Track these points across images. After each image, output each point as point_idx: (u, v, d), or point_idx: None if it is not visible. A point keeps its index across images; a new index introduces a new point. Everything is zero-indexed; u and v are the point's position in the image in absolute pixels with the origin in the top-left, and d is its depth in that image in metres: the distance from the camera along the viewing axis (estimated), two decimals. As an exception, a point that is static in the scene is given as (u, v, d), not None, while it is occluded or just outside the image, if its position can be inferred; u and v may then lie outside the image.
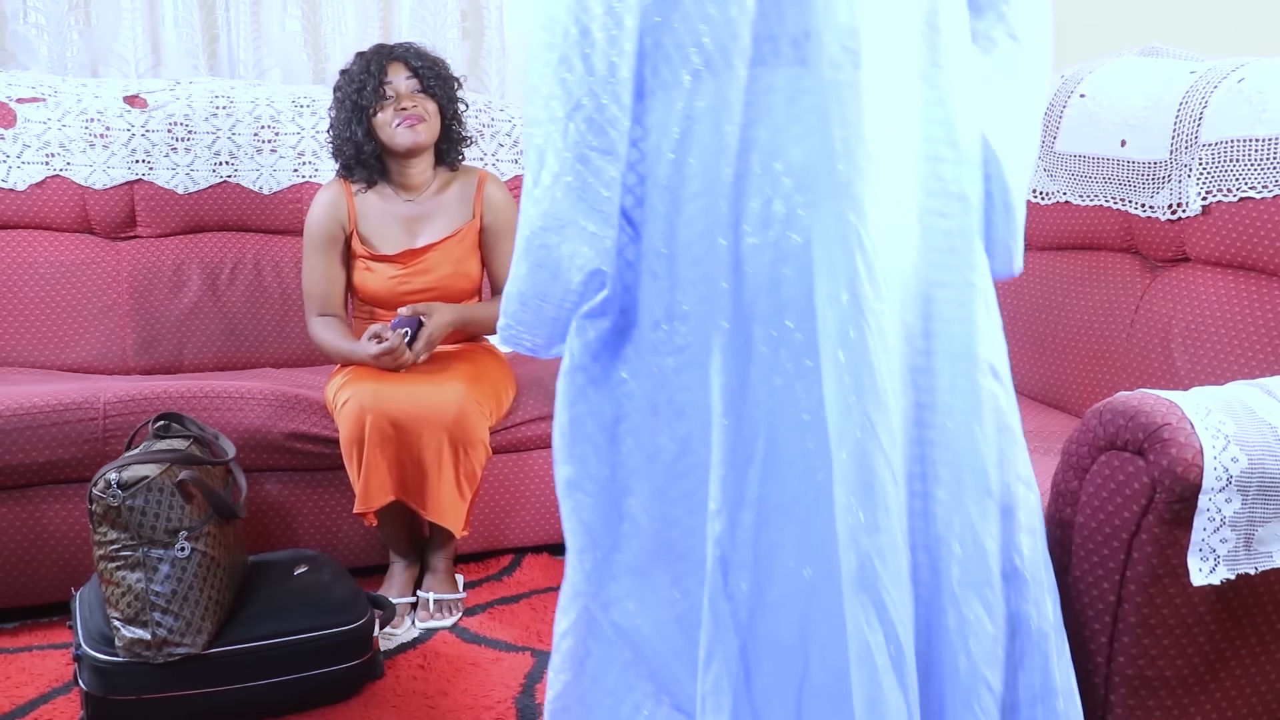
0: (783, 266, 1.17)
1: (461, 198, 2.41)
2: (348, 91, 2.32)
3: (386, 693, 1.97)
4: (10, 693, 1.95)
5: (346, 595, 2.02)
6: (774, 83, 1.16)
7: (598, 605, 1.32)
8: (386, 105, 2.30)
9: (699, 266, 1.19)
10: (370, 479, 2.15)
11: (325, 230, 2.35)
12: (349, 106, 2.32)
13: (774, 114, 1.16)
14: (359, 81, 2.31)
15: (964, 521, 1.21)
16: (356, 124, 2.31)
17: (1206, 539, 1.26)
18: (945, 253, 1.23)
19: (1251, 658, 1.36)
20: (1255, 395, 1.33)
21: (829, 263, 1.15)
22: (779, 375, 1.18)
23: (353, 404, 2.14)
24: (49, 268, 2.70)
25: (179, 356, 2.76)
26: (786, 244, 1.16)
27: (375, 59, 2.33)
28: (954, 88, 1.23)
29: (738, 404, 1.19)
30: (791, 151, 1.16)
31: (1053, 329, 2.28)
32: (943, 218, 1.23)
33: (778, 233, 1.16)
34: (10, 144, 2.66)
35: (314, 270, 2.37)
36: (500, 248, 2.42)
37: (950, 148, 1.22)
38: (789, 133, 1.16)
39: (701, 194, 1.18)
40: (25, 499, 2.17)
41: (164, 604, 1.81)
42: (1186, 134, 2.01)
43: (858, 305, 1.14)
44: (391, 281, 2.35)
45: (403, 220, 2.38)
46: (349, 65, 2.37)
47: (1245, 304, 1.89)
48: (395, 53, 2.35)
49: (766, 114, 1.16)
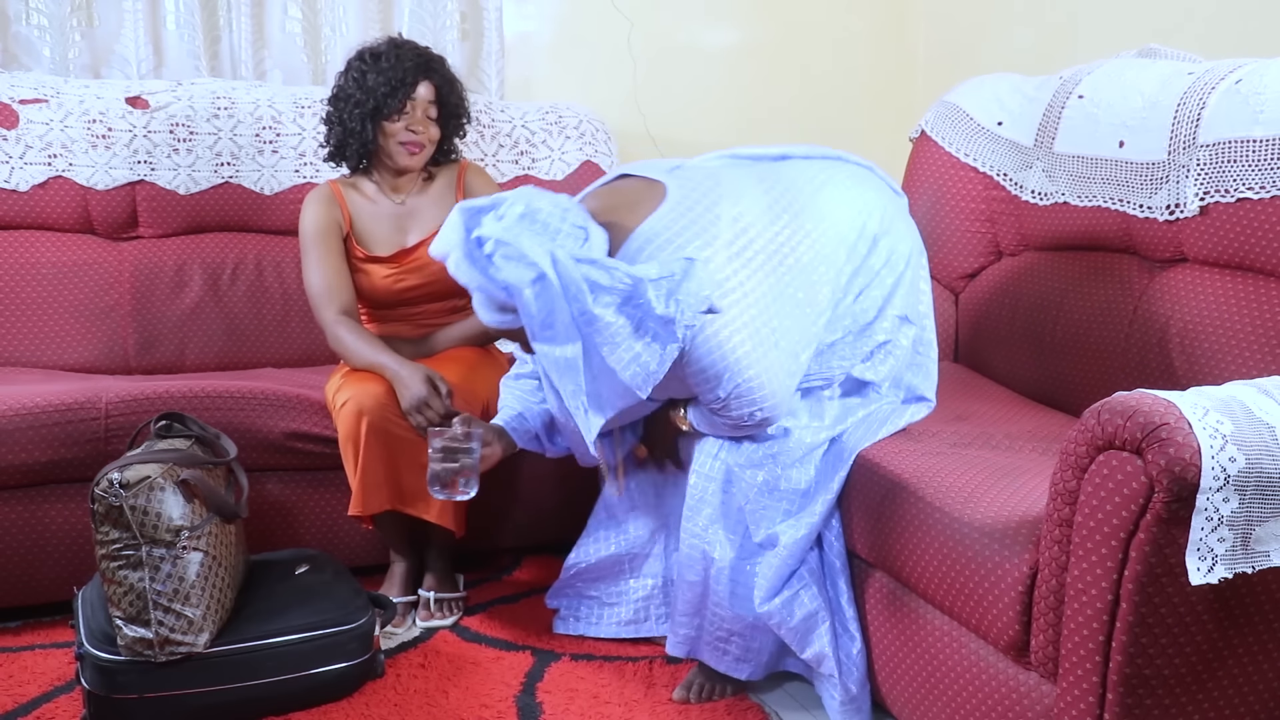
0: None
1: (445, 190, 2.44)
2: (373, 86, 2.30)
3: (387, 692, 1.98)
4: (13, 691, 1.95)
5: (347, 594, 2.02)
6: None
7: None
8: (402, 118, 2.32)
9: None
10: (366, 483, 2.15)
11: (325, 228, 2.34)
12: (369, 104, 2.30)
13: None
14: (391, 85, 2.29)
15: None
16: (370, 122, 2.31)
17: (1204, 538, 1.26)
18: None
19: (1249, 656, 1.36)
20: (1253, 395, 1.34)
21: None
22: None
23: (351, 405, 2.14)
24: (51, 268, 2.70)
25: (180, 356, 2.77)
26: None
27: (413, 71, 2.31)
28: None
29: None
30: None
31: (1051, 329, 2.28)
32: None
33: None
34: (13, 145, 2.67)
35: (321, 267, 2.33)
36: None
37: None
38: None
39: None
40: (28, 498, 2.17)
41: (166, 603, 1.81)
42: (1184, 135, 2.02)
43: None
44: (387, 280, 2.36)
45: (392, 219, 2.39)
46: (380, 50, 2.34)
47: (1243, 304, 1.90)
48: (430, 68, 2.35)
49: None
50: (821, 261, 1.84)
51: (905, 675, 1.73)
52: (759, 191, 1.86)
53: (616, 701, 1.95)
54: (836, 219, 1.88)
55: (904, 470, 1.75)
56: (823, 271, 1.84)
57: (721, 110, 3.42)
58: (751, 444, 1.86)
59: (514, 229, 1.64)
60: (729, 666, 1.93)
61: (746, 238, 1.78)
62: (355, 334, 2.27)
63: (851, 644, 1.84)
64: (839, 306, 1.88)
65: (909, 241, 1.96)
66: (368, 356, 2.22)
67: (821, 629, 1.83)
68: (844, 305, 1.89)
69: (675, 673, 2.03)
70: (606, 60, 3.33)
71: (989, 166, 2.51)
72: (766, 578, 1.81)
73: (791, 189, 1.90)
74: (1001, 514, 1.55)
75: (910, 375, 1.97)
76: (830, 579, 1.86)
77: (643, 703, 1.95)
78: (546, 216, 1.67)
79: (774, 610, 1.81)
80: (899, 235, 1.95)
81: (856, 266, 1.89)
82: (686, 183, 1.84)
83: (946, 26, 3.47)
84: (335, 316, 2.29)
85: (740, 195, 1.84)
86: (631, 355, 1.62)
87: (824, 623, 1.83)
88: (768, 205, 1.84)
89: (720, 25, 3.45)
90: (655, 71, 3.36)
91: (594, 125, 3.07)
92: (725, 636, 1.91)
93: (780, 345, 1.78)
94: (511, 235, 1.63)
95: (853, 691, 1.83)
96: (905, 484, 1.72)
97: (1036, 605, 1.44)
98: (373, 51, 2.34)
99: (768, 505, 1.83)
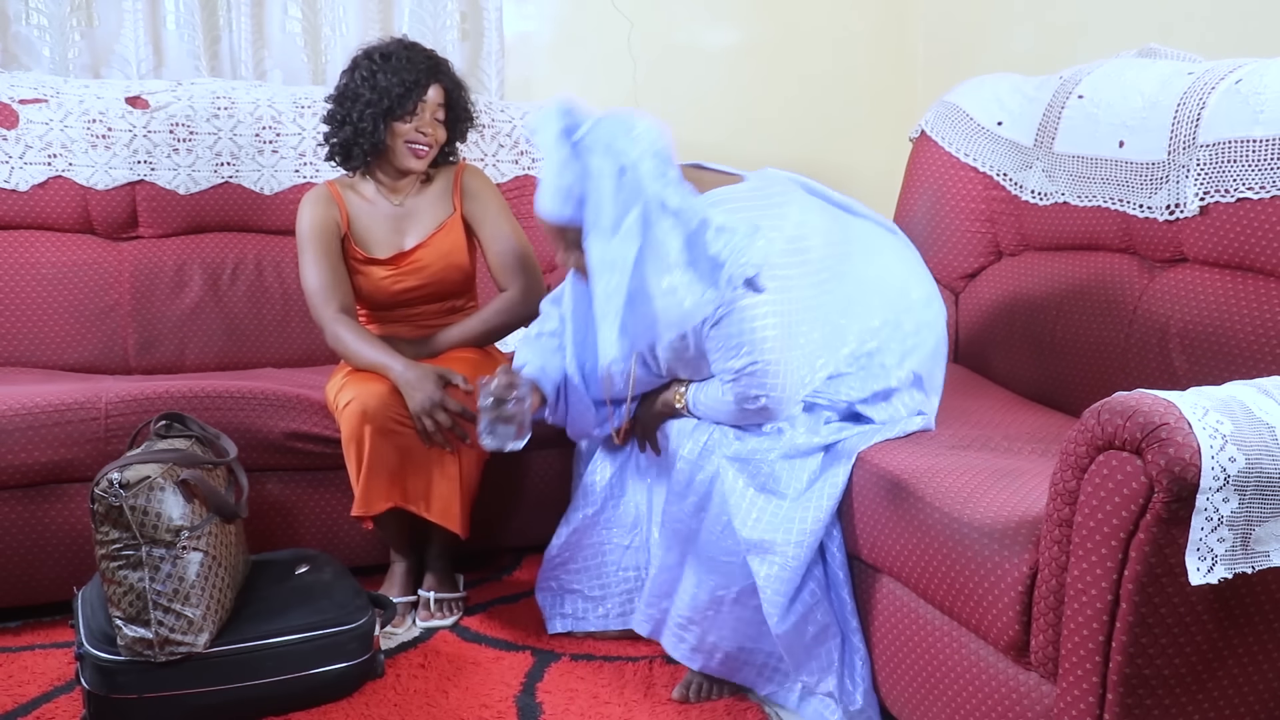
0: None
1: (442, 191, 2.43)
2: (386, 86, 2.27)
3: (387, 692, 1.98)
4: (12, 691, 1.95)
5: (347, 594, 2.02)
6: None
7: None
8: (412, 119, 2.30)
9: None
10: (370, 484, 2.15)
11: (322, 227, 2.33)
12: (382, 103, 2.28)
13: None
14: (404, 86, 2.28)
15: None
16: (381, 122, 2.29)
17: (1204, 538, 1.26)
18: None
19: (1249, 657, 1.36)
20: (1253, 395, 1.34)
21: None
22: None
23: (355, 405, 2.14)
24: (51, 268, 2.70)
25: (180, 356, 2.77)
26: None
27: (426, 75, 2.30)
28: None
29: None
30: None
31: (1051, 329, 2.28)
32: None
33: None
34: (13, 145, 2.67)
35: (319, 266, 2.31)
36: (488, 231, 2.41)
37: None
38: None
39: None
40: (28, 498, 2.17)
41: (165, 603, 1.81)
42: (1184, 135, 2.02)
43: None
44: (385, 281, 2.36)
45: (390, 221, 2.38)
46: (390, 51, 2.31)
47: (1243, 304, 1.90)
48: (440, 71, 2.34)
49: None
50: (861, 300, 1.91)
51: (905, 675, 1.73)
52: (824, 217, 1.94)
53: (616, 701, 1.95)
54: (884, 270, 1.96)
55: (904, 470, 1.75)
56: (858, 309, 1.91)
57: (721, 110, 3.42)
58: (740, 437, 1.87)
59: (612, 127, 1.68)
60: (685, 656, 1.95)
61: (805, 243, 1.84)
62: (356, 334, 2.25)
63: (856, 657, 1.83)
64: (863, 345, 1.92)
65: (939, 328, 2.01)
66: (369, 357, 2.21)
67: (830, 646, 1.83)
68: (868, 346, 1.92)
69: (675, 673, 2.03)
70: (606, 60, 3.33)
71: (989, 166, 2.51)
72: (775, 590, 1.80)
73: (852, 229, 1.98)
74: (1001, 514, 1.55)
75: (907, 423, 1.98)
76: (835, 591, 1.86)
77: (643, 703, 1.95)
78: (642, 133, 1.69)
79: (786, 632, 1.81)
80: (934, 314, 2.01)
81: (889, 320, 1.93)
82: (763, 179, 1.93)
83: (946, 26, 3.47)
84: (334, 315, 2.27)
85: (808, 209, 1.91)
86: (673, 284, 1.64)
87: (834, 638, 1.83)
88: (828, 229, 1.91)
89: (720, 25, 3.46)
90: (655, 71, 3.36)
91: (594, 125, 3.06)
92: (684, 624, 1.93)
93: (803, 349, 1.83)
94: (608, 130, 1.68)
95: (855, 706, 1.83)
96: (905, 484, 1.72)
97: (1036, 605, 1.44)
98: (382, 52, 2.33)
99: (754, 502, 1.83)
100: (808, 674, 1.84)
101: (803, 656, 1.83)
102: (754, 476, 1.84)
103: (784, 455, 1.85)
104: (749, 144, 3.44)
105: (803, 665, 1.84)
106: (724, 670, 1.94)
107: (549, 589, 2.22)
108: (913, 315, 1.96)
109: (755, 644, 1.91)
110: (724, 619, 1.89)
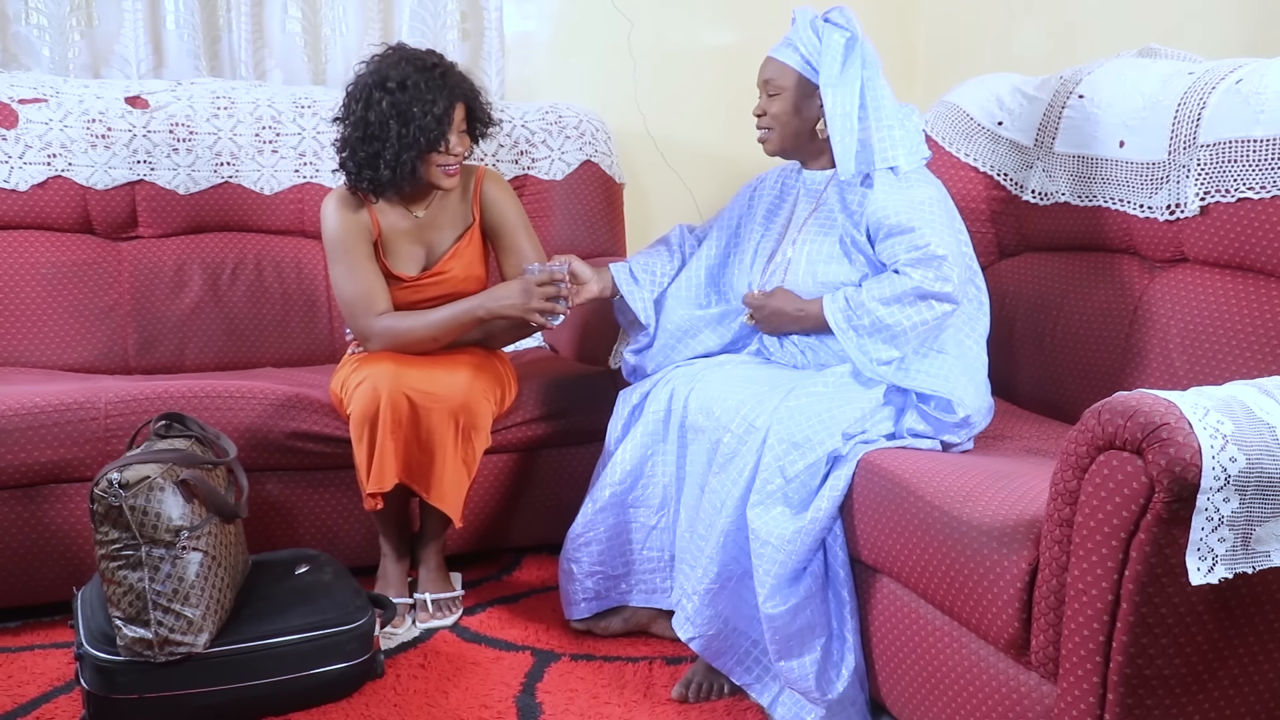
0: None
1: (461, 199, 2.38)
2: (422, 124, 2.18)
3: (387, 692, 1.98)
4: (12, 691, 1.95)
5: (347, 595, 2.02)
6: None
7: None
8: (446, 146, 2.22)
9: None
10: (384, 458, 2.14)
11: (354, 231, 2.26)
12: (421, 141, 2.19)
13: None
14: (436, 119, 2.18)
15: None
16: (416, 156, 2.20)
17: (1204, 538, 1.26)
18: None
19: (1250, 657, 1.36)
20: (1253, 395, 1.34)
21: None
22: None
23: (367, 384, 2.14)
24: (51, 268, 2.70)
25: (180, 356, 2.77)
26: None
27: (448, 98, 2.21)
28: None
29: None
30: None
31: (1052, 329, 2.28)
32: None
33: None
34: (12, 144, 2.66)
35: (356, 271, 2.25)
36: (512, 243, 2.38)
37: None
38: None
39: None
40: (27, 498, 2.17)
41: (165, 603, 1.81)
42: (1185, 135, 2.02)
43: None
44: (404, 293, 2.33)
45: (413, 234, 2.33)
46: (406, 79, 2.18)
47: (1243, 304, 1.90)
48: (462, 89, 2.26)
49: None
50: (979, 319, 2.09)
51: (905, 675, 1.73)
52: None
53: (616, 701, 1.95)
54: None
55: (904, 471, 1.75)
56: (977, 328, 2.08)
57: (721, 110, 3.41)
58: (788, 421, 1.85)
59: (850, 18, 2.09)
60: (679, 624, 1.95)
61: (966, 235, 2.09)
62: (403, 317, 2.25)
63: (847, 651, 1.83)
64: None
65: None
66: (433, 320, 2.25)
67: (814, 644, 1.82)
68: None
69: (675, 673, 2.03)
70: (606, 60, 3.33)
71: (989, 166, 2.51)
72: (768, 572, 1.80)
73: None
74: (1001, 514, 1.55)
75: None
76: (834, 589, 1.86)
77: (642, 703, 1.95)
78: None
79: (778, 614, 1.80)
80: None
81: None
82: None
83: (946, 26, 3.47)
84: (373, 319, 2.24)
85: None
86: (867, 137, 2.03)
87: (820, 637, 1.82)
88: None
89: (720, 25, 3.45)
90: (655, 71, 3.36)
91: (594, 125, 3.07)
92: (688, 595, 1.94)
93: (958, 275, 1.98)
94: (846, 17, 2.09)
95: (833, 695, 1.82)
96: (905, 484, 1.72)
97: (1037, 605, 1.44)
98: (399, 80, 2.19)
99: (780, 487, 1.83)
100: (786, 664, 1.83)
101: (784, 645, 1.82)
102: (783, 461, 1.84)
103: (819, 452, 1.84)
104: (749, 144, 3.41)
105: (783, 654, 1.82)
106: (708, 652, 1.94)
107: (569, 572, 2.19)
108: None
109: (745, 627, 1.91)
110: (725, 595, 1.89)
